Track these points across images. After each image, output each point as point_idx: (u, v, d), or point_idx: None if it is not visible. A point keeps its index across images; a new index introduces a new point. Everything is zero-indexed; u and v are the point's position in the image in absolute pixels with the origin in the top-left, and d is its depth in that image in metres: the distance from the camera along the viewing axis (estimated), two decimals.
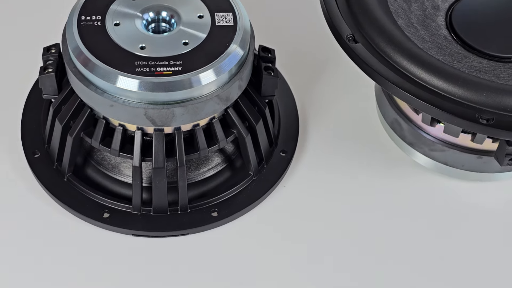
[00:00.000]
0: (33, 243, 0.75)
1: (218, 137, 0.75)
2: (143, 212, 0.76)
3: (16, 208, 0.77)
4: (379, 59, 0.69)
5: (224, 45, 0.72)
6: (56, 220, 0.76)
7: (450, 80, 0.67)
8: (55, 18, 0.90)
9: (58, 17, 0.89)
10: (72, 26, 0.72)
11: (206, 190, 0.78)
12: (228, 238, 0.76)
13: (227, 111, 0.75)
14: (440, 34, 0.76)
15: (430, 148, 0.79)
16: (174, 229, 0.76)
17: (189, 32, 0.72)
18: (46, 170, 0.78)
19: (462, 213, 0.80)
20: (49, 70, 0.75)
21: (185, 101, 0.70)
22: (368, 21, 0.71)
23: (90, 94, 0.71)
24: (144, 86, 0.69)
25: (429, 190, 0.81)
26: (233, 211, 0.77)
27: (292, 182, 0.81)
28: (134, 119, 0.71)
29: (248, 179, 0.79)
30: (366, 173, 0.82)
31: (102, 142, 0.74)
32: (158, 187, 0.74)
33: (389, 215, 0.79)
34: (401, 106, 0.80)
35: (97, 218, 0.76)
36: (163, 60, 0.70)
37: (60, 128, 0.75)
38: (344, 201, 0.80)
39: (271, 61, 0.78)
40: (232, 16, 0.74)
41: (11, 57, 0.88)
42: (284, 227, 0.78)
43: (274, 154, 0.81)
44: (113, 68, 0.69)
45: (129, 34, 0.72)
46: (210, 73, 0.70)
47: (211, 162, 0.79)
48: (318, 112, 0.86)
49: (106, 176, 0.78)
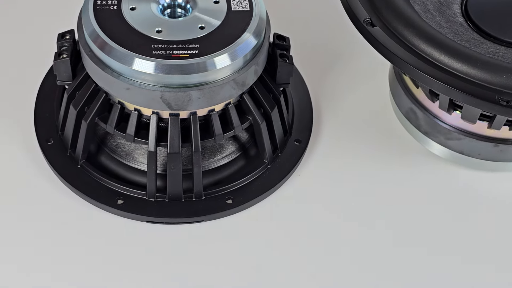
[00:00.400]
0: (48, 230, 0.74)
1: (233, 123, 0.74)
2: (158, 198, 0.75)
3: (30, 195, 0.76)
4: (397, 43, 0.69)
5: (240, 30, 0.72)
6: (70, 206, 0.76)
7: (470, 62, 0.67)
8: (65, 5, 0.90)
9: (68, 4, 0.90)
10: (88, 11, 0.72)
11: (221, 178, 0.78)
12: (243, 225, 0.76)
13: (242, 97, 0.74)
14: (456, 21, 0.76)
15: (446, 137, 0.78)
16: (189, 216, 0.75)
17: (205, 17, 0.72)
18: (59, 157, 0.78)
19: (479, 203, 0.79)
20: (63, 56, 0.74)
21: (201, 84, 0.70)
22: (385, 5, 0.71)
23: (106, 78, 0.70)
24: (160, 69, 0.69)
25: (444, 180, 0.81)
26: (247, 198, 0.77)
27: (307, 171, 0.80)
28: (150, 103, 0.70)
29: (262, 167, 0.78)
30: (380, 163, 0.81)
31: (117, 127, 0.74)
32: (173, 173, 0.74)
33: (405, 205, 0.79)
34: (416, 95, 0.79)
35: (111, 205, 0.75)
36: (180, 43, 0.70)
37: (74, 114, 0.75)
38: (358, 190, 0.79)
39: (286, 49, 0.77)
40: (247, 1, 0.74)
41: (23, 46, 0.88)
42: (298, 215, 0.77)
43: (289, 143, 0.81)
44: (130, 51, 0.69)
45: (145, 18, 0.72)
46: (226, 57, 0.70)
47: (226, 150, 0.79)
48: (332, 102, 0.86)
49: (120, 163, 0.78)
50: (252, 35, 0.72)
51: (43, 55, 0.85)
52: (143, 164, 0.77)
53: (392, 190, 0.80)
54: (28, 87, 0.83)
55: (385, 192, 0.79)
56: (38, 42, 0.88)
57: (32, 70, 0.85)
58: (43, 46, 0.86)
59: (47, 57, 0.84)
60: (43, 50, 0.85)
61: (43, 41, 0.87)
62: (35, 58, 0.86)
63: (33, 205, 0.76)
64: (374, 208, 0.78)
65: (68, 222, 0.75)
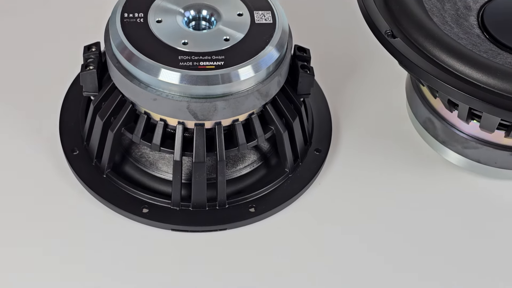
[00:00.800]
0: (75, 238, 0.75)
1: (257, 132, 0.76)
2: (182, 207, 0.77)
3: (57, 205, 0.78)
4: (418, 54, 0.71)
5: (263, 42, 0.73)
6: (96, 215, 0.77)
7: (490, 73, 0.69)
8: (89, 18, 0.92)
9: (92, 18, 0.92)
10: (116, 23, 0.73)
11: (243, 187, 0.79)
12: (266, 233, 0.77)
13: (265, 107, 0.76)
14: (473, 32, 0.78)
15: (463, 146, 0.80)
16: (213, 224, 0.76)
17: (229, 29, 0.74)
18: (85, 167, 0.79)
19: (496, 211, 0.81)
20: (90, 68, 0.76)
21: (226, 95, 0.72)
22: (406, 17, 0.73)
23: (134, 89, 0.72)
24: (187, 79, 0.70)
25: (462, 189, 0.82)
26: (270, 207, 0.78)
27: (327, 180, 0.82)
28: (177, 113, 0.72)
29: (284, 176, 0.80)
30: (398, 172, 0.83)
31: (143, 137, 0.75)
32: (197, 182, 0.75)
33: (423, 214, 0.80)
34: (434, 105, 0.81)
35: (137, 213, 0.76)
36: (206, 55, 0.71)
37: (101, 124, 0.76)
38: (377, 199, 0.81)
39: (306, 60, 0.79)
40: (271, 14, 0.75)
41: (48, 57, 0.90)
42: (319, 223, 0.78)
43: (309, 152, 0.82)
44: (157, 62, 0.70)
45: (171, 30, 0.73)
46: (250, 69, 0.72)
47: (248, 160, 0.80)
48: (350, 112, 0.88)
49: (144, 173, 0.79)
50: (275, 48, 0.73)
51: (67, 66, 0.87)
52: (167, 173, 0.78)
53: (410, 199, 0.81)
54: (53, 98, 0.85)
55: (403, 200, 0.81)
56: (62, 54, 0.89)
57: (57, 81, 0.86)
58: (67, 57, 0.88)
59: (72, 68, 0.86)
60: (67, 61, 0.87)
61: (67, 52, 0.88)
62: (59, 69, 0.87)
63: (60, 214, 0.77)
64: (393, 216, 0.80)
65: (94, 230, 0.76)
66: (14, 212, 0.77)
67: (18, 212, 0.77)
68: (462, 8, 0.80)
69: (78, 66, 0.82)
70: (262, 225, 0.78)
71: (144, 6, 0.75)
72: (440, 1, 0.79)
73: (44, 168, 0.80)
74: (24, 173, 0.80)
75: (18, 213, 0.77)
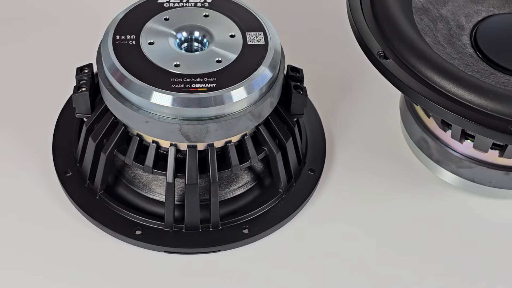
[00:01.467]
0: (67, 261, 0.75)
1: (249, 154, 0.76)
2: (175, 229, 0.77)
3: (49, 227, 0.77)
4: (410, 75, 0.70)
5: (256, 63, 0.73)
6: (89, 237, 0.77)
7: (482, 94, 0.68)
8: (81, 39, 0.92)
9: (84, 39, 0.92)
10: (108, 45, 0.73)
11: (237, 208, 0.79)
12: (259, 255, 0.77)
13: (258, 128, 0.76)
14: (466, 52, 0.78)
15: (458, 165, 0.80)
16: (206, 246, 0.76)
17: (221, 51, 0.74)
18: (78, 189, 0.79)
19: (490, 230, 0.80)
20: (82, 89, 0.76)
21: (219, 117, 0.71)
22: (398, 38, 0.72)
23: (126, 111, 0.72)
24: (179, 102, 0.70)
25: (456, 208, 0.82)
26: (264, 228, 0.78)
27: (321, 200, 0.82)
28: (169, 135, 0.72)
29: (278, 196, 0.80)
30: (392, 191, 0.83)
31: (136, 159, 0.75)
32: (190, 204, 0.75)
33: (417, 233, 0.80)
34: (428, 124, 0.81)
35: (129, 235, 0.76)
36: (198, 77, 0.71)
37: (93, 146, 0.76)
38: (370, 218, 0.80)
39: (299, 80, 0.79)
40: (263, 35, 0.75)
41: (41, 78, 0.90)
42: (314, 244, 0.78)
43: (303, 172, 0.82)
44: (149, 85, 0.70)
45: (163, 52, 0.73)
46: (243, 90, 0.72)
47: (241, 180, 0.80)
48: (344, 131, 0.87)
49: (137, 194, 0.79)
50: (268, 68, 0.73)
51: (60, 87, 0.87)
52: (160, 194, 0.78)
53: (404, 218, 0.81)
54: (46, 119, 0.85)
55: (398, 220, 0.81)
56: (55, 75, 0.89)
57: (50, 102, 0.86)
58: (60, 78, 0.87)
59: (65, 89, 0.86)
60: (60, 82, 0.87)
61: (60, 74, 0.88)
62: (52, 90, 0.87)
63: (52, 236, 0.77)
64: (387, 236, 0.79)
65: (87, 252, 0.76)
66: (5, 233, 0.77)
67: (9, 233, 0.77)
68: (454, 28, 0.80)
69: (71, 87, 0.82)
70: (255, 246, 0.78)
71: (136, 28, 0.75)
72: (432, 21, 0.79)
73: (36, 189, 0.80)
74: (16, 194, 0.80)
75: (9, 234, 0.77)
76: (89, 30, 0.93)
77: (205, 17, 0.77)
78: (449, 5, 0.81)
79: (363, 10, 0.76)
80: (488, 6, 0.83)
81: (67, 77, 0.84)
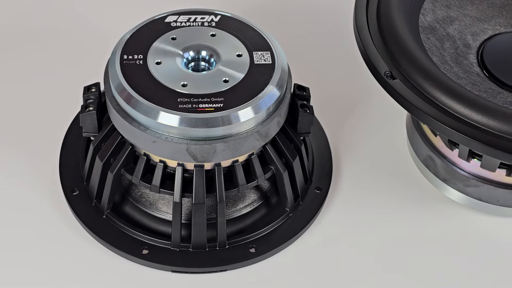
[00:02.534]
0: (74, 280, 0.75)
1: (256, 173, 0.76)
2: (182, 248, 0.77)
3: (56, 245, 0.77)
4: (417, 95, 0.70)
5: (263, 83, 0.73)
6: (95, 256, 0.77)
7: (490, 114, 0.68)
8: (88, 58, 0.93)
9: (91, 57, 0.92)
10: (115, 65, 0.73)
11: (243, 227, 0.79)
12: (266, 274, 0.77)
13: (265, 148, 0.76)
14: (473, 71, 0.78)
15: (465, 184, 0.80)
16: (213, 265, 0.76)
17: (228, 70, 0.74)
18: (85, 208, 0.79)
19: (497, 249, 0.80)
20: (90, 109, 0.76)
21: (226, 137, 0.71)
22: (405, 58, 0.72)
23: (133, 131, 0.72)
24: (186, 122, 0.70)
25: (463, 226, 0.82)
26: (271, 247, 0.78)
27: (327, 218, 0.82)
28: (176, 155, 0.72)
29: (284, 215, 0.80)
30: (399, 210, 0.83)
31: (143, 178, 0.75)
32: (197, 223, 0.75)
33: (424, 252, 0.79)
34: (435, 143, 0.81)
35: (136, 255, 0.76)
36: (205, 97, 0.71)
37: (100, 165, 0.76)
38: (378, 237, 0.80)
39: (306, 99, 0.79)
40: (270, 54, 0.75)
41: (48, 97, 0.90)
42: (321, 263, 0.78)
43: (309, 190, 0.82)
44: (156, 105, 0.71)
45: (170, 72, 0.73)
46: (250, 110, 0.72)
47: (248, 199, 0.80)
48: (350, 149, 0.87)
49: (144, 213, 0.79)
50: (275, 88, 0.73)
51: (67, 105, 0.87)
52: (167, 213, 0.78)
53: (411, 237, 0.81)
54: (53, 137, 0.85)
55: (405, 239, 0.80)
56: (61, 93, 0.89)
57: (56, 120, 0.86)
58: (66, 96, 0.88)
59: (72, 107, 0.86)
60: (66, 100, 0.87)
61: (67, 92, 0.88)
62: (59, 108, 0.87)
63: (58, 254, 0.77)
64: (394, 254, 0.79)
65: (94, 271, 0.76)
66: (13, 251, 0.77)
67: (16, 252, 0.77)
68: (461, 46, 0.80)
69: (78, 105, 0.82)
70: (262, 265, 0.77)
71: (144, 47, 0.75)
72: (439, 40, 0.79)
73: (43, 207, 0.80)
74: (23, 213, 0.79)
75: (16, 253, 0.77)
76: (96, 48, 0.93)
77: (212, 36, 0.77)
78: (456, 24, 0.81)
79: (370, 30, 0.76)
80: (494, 24, 0.83)
81: (74, 95, 0.84)
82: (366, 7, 0.78)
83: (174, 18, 0.78)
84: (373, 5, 0.78)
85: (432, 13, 0.81)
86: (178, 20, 0.78)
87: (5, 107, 0.89)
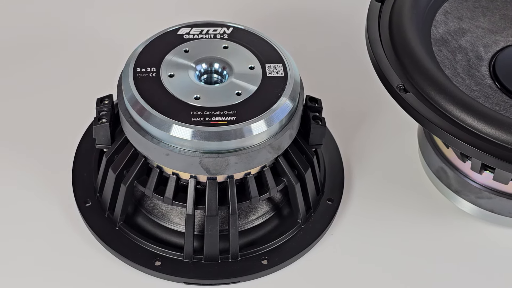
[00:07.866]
0: None
1: (269, 185, 0.76)
2: (194, 260, 0.77)
3: (68, 256, 0.78)
4: (430, 108, 0.71)
5: (275, 95, 0.73)
6: (108, 268, 0.77)
7: (503, 128, 0.68)
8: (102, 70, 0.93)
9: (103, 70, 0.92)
10: (128, 77, 0.74)
11: (256, 238, 0.79)
12: (279, 286, 0.77)
13: (277, 160, 0.76)
14: (485, 83, 0.78)
15: (477, 196, 0.80)
16: (226, 277, 0.76)
17: (241, 83, 0.74)
18: (98, 219, 0.79)
19: (510, 262, 0.80)
20: (103, 121, 0.76)
21: (239, 149, 0.72)
22: (417, 72, 0.72)
23: (146, 144, 0.72)
24: (199, 135, 0.70)
25: (475, 238, 0.82)
26: (283, 258, 0.78)
27: (339, 230, 0.82)
28: (189, 168, 0.72)
29: (296, 227, 0.80)
30: (411, 221, 0.83)
31: (156, 190, 0.75)
32: (210, 235, 0.75)
33: (436, 263, 0.79)
34: (447, 155, 0.81)
35: (149, 266, 0.76)
36: (218, 110, 0.72)
37: (113, 177, 0.77)
38: (390, 248, 0.80)
39: (318, 111, 0.79)
40: (282, 67, 0.76)
41: (61, 109, 0.90)
42: (334, 274, 0.78)
43: (321, 202, 0.82)
44: (169, 118, 0.71)
45: (183, 85, 0.74)
46: (263, 123, 0.72)
47: (260, 211, 0.80)
48: (362, 161, 0.87)
49: (157, 225, 0.79)
50: (288, 100, 0.73)
51: (80, 116, 0.87)
52: (179, 225, 0.78)
53: (423, 248, 0.81)
54: (66, 149, 0.85)
55: (417, 250, 0.80)
56: (74, 104, 0.90)
57: (69, 131, 0.87)
58: (79, 108, 0.88)
59: (85, 119, 0.87)
60: (79, 111, 0.87)
61: (79, 103, 0.89)
62: (72, 119, 0.88)
63: (71, 265, 0.77)
64: (406, 266, 0.79)
65: (107, 283, 0.76)
66: (26, 263, 0.77)
67: (30, 263, 0.77)
68: (473, 59, 0.80)
69: (90, 116, 0.82)
70: (275, 277, 0.78)
71: (157, 60, 0.75)
72: (451, 52, 0.79)
73: (56, 219, 0.80)
74: (36, 224, 0.80)
75: (29, 264, 0.77)
76: (110, 60, 0.93)
77: (224, 48, 0.77)
78: (468, 36, 0.81)
79: (382, 43, 0.76)
80: (506, 36, 0.83)
81: (87, 107, 0.85)
82: (378, 20, 0.78)
83: (187, 31, 0.78)
84: (385, 17, 0.78)
85: (444, 25, 0.81)
86: (190, 32, 0.78)
87: (19, 117, 0.89)
